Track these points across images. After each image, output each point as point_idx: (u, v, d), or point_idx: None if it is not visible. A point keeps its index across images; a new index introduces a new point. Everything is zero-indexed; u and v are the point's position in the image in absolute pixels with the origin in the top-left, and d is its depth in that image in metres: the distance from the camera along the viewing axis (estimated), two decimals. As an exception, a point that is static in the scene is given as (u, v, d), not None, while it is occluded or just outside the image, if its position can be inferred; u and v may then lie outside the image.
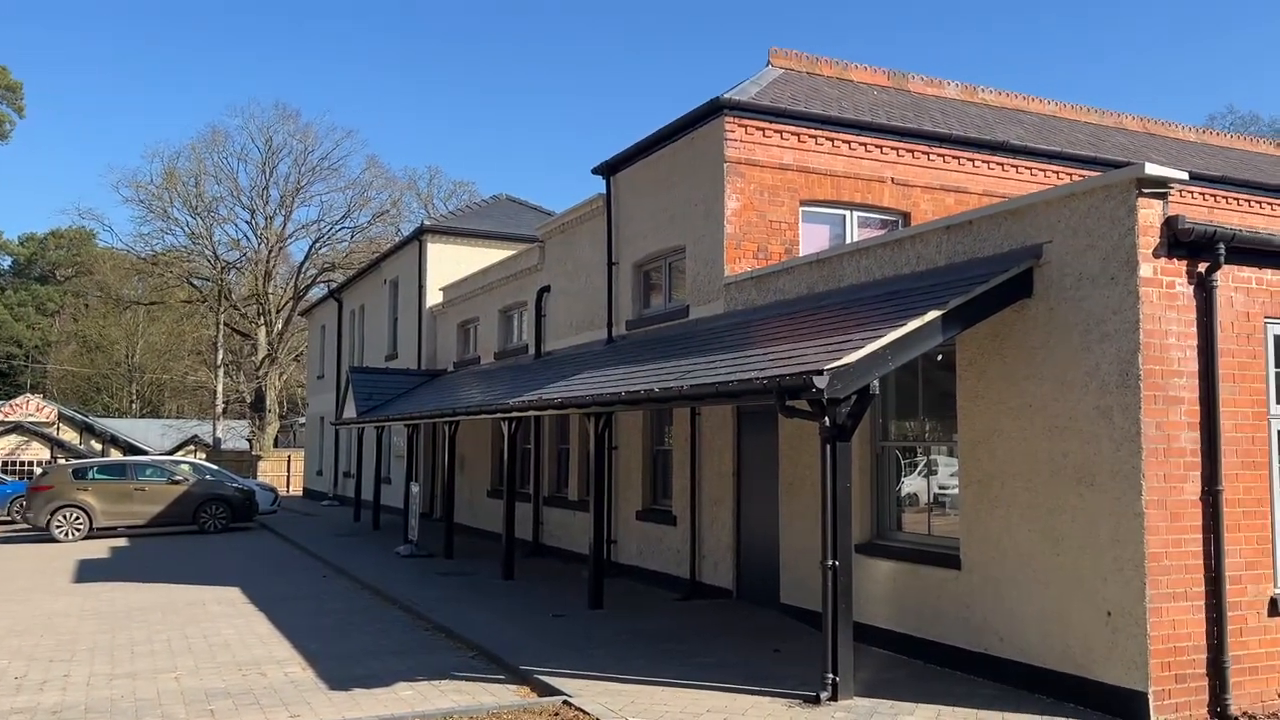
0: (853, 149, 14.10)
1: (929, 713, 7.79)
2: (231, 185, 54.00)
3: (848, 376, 7.82)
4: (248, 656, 10.49)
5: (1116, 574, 7.64)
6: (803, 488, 11.26)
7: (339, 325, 35.26)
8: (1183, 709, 7.49)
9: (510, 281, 21.34)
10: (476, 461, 22.43)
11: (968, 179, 14.86)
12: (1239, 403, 7.92)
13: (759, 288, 12.59)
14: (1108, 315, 7.82)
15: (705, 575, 13.47)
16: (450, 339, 25.47)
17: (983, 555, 8.87)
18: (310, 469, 39.10)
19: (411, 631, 11.81)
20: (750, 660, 9.59)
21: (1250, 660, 7.77)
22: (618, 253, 16.25)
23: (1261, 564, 7.91)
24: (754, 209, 13.46)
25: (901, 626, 9.76)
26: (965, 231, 9.35)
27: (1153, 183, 7.69)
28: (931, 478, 10.10)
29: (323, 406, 36.38)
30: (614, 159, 16.02)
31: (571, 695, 8.34)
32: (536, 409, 12.98)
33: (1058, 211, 8.35)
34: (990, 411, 8.87)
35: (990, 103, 17.83)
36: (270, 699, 8.75)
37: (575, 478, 17.66)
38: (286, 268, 57.33)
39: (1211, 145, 20.17)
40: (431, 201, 61.72)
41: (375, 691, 8.94)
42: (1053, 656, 8.14)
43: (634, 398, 10.35)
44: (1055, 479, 8.20)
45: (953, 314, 8.30)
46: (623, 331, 16.05)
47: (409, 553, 18.39)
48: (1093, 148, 16.41)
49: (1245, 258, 8.00)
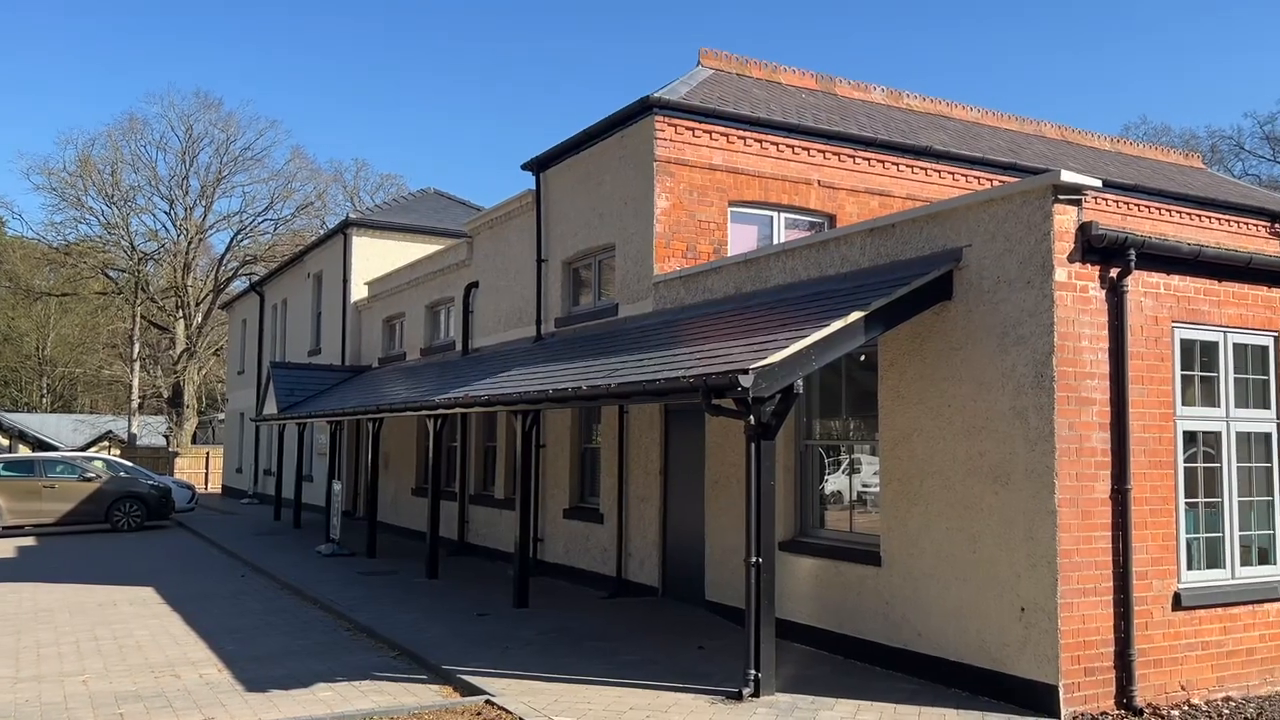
0: (781, 151, 14.25)
1: (849, 708, 7.91)
2: (150, 174, 52.61)
3: (772, 376, 7.90)
4: (161, 658, 10.21)
5: (1030, 570, 7.85)
6: (728, 486, 11.35)
7: (260, 319, 34.53)
8: (1091, 701, 7.72)
9: (438, 277, 21.12)
10: (401, 459, 22.15)
11: (892, 183, 15.12)
12: (1147, 404, 8.19)
13: (688, 287, 12.65)
14: (1024, 318, 8.03)
15: (632, 573, 13.50)
16: (375, 335, 25.11)
17: (902, 552, 9.04)
18: (229, 466, 38.23)
19: (332, 632, 11.62)
20: (675, 657, 9.64)
21: (1155, 654, 8.04)
22: (547, 250, 16.18)
23: (1166, 560, 8.20)
24: (683, 208, 13.52)
25: (824, 623, 9.89)
26: (888, 234, 9.52)
27: (1068, 189, 7.90)
28: (854, 476, 10.26)
29: (243, 402, 35.60)
30: (544, 155, 15.95)
31: (494, 694, 8.29)
32: (463, 406, 12.87)
33: (977, 216, 8.54)
34: (911, 411, 9.04)
35: (915, 108, 18.16)
36: (184, 701, 8.53)
37: (502, 476, 17.55)
38: (207, 260, 56.05)
39: (1125, 154, 20.84)
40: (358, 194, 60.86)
41: (293, 693, 8.78)
42: (969, 651, 8.34)
43: (562, 396, 10.32)
44: (972, 477, 8.39)
45: (875, 315, 8.44)
46: (552, 329, 16.00)
47: (331, 552, 18.10)
48: (1012, 154, 16.83)
49: (1154, 264, 8.28)
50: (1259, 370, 8.95)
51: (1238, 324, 8.76)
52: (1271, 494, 8.93)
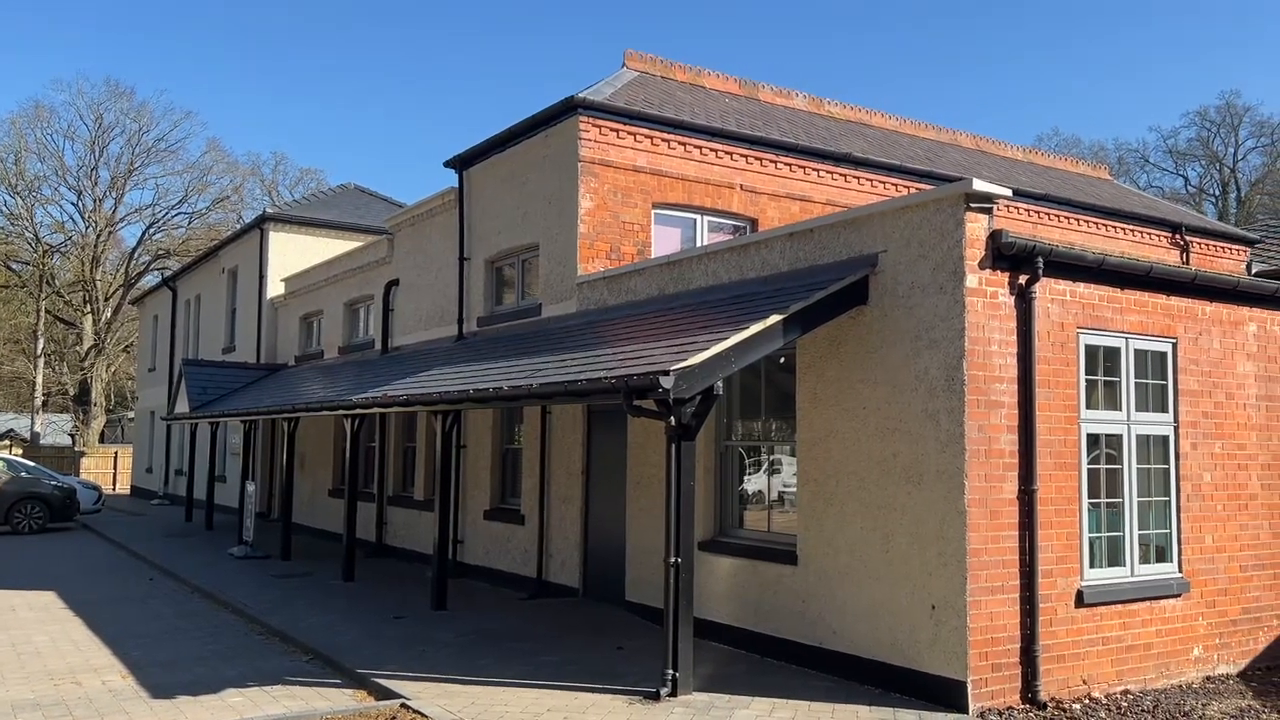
0: (704, 154, 14.36)
1: (764, 706, 8.00)
2: (57, 164, 50.82)
3: (693, 377, 7.96)
4: (62, 665, 9.86)
5: (941, 569, 8.03)
6: (650, 486, 11.40)
7: (173, 315, 33.57)
8: (998, 696, 7.94)
9: (357, 274, 20.79)
10: (318, 460, 21.75)
11: (812, 188, 15.35)
12: (1053, 407, 8.45)
13: (611, 288, 12.67)
14: (936, 323, 8.22)
15: (553, 574, 13.46)
16: (292, 332, 24.61)
17: (818, 551, 9.18)
18: (139, 466, 37.09)
19: (244, 635, 11.36)
20: (594, 658, 9.64)
21: (1058, 649, 8.30)
22: (470, 248, 16.05)
23: (1070, 558, 8.47)
24: (607, 209, 13.54)
25: (742, 622, 9.99)
26: (807, 239, 9.66)
27: (980, 198, 8.12)
28: (774, 476, 10.39)
29: (154, 400, 34.57)
30: (467, 152, 15.83)
31: (410, 698, 8.19)
32: (381, 406, 12.69)
33: (893, 223, 8.72)
34: (828, 413, 9.18)
35: (836, 115, 18.46)
36: (85, 710, 8.25)
37: (422, 477, 17.35)
38: (117, 253, 54.32)
39: (1037, 165, 21.47)
40: (276, 189, 59.57)
41: (202, 699, 8.56)
42: (881, 649, 8.50)
43: (483, 396, 10.25)
44: (886, 478, 8.56)
45: (793, 318, 8.56)
46: (474, 328, 15.87)
47: (244, 554, 17.68)
48: (929, 162, 17.22)
49: (1061, 271, 8.55)
50: (1158, 375, 9.31)
51: (1139, 330, 9.09)
52: (1169, 495, 9.28)
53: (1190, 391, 9.45)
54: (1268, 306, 10.17)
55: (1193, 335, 9.49)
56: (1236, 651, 9.58)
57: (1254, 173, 51.74)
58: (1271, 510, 10.00)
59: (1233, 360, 9.80)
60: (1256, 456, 9.93)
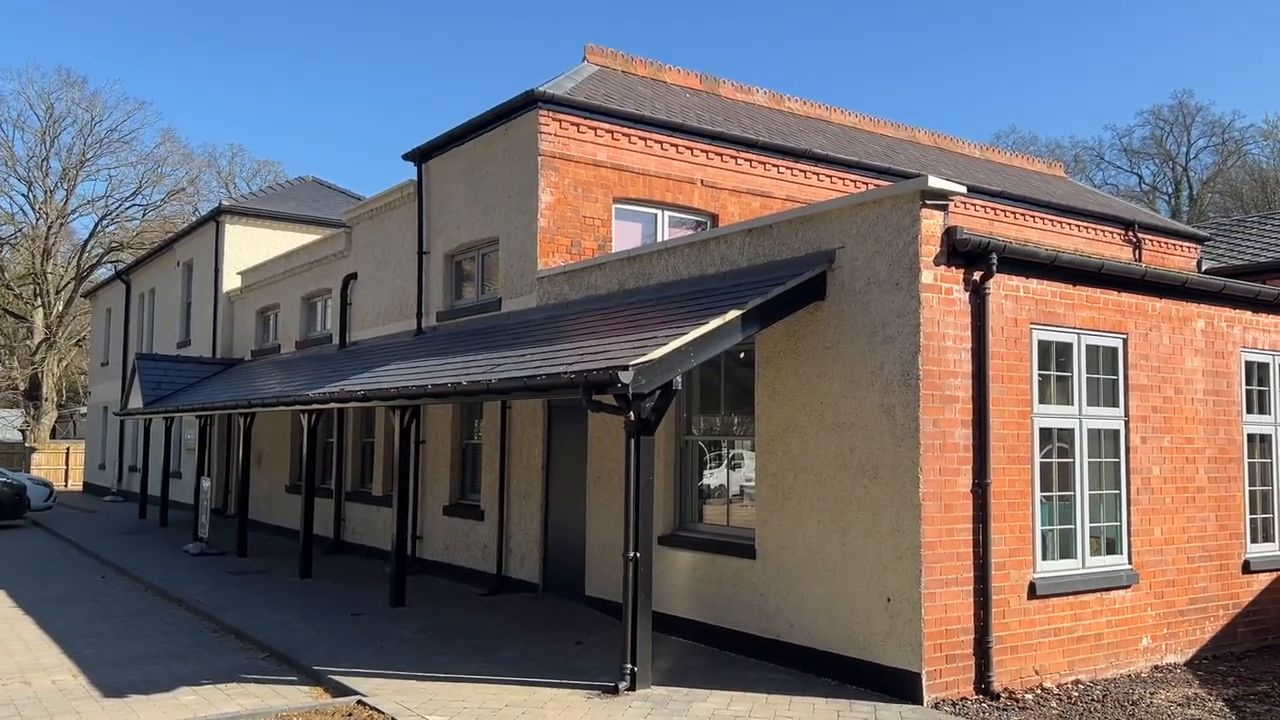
0: (665, 150, 14.37)
1: (722, 699, 8.05)
2: (5, 154, 49.75)
3: (652, 372, 7.97)
4: (10, 664, 9.68)
5: (896, 562, 8.12)
6: (610, 481, 11.40)
7: (126, 309, 33.03)
8: (952, 687, 8.04)
9: (315, 267, 20.57)
10: (274, 455, 21.51)
11: (773, 184, 15.42)
12: (1006, 401, 8.57)
13: (571, 282, 12.64)
14: (892, 318, 8.30)
15: (512, 570, 13.43)
16: (248, 326, 24.30)
17: (776, 545, 9.24)
18: (92, 462, 36.47)
19: (198, 634, 11.22)
20: (553, 653, 9.64)
21: (1011, 640, 8.42)
22: (429, 242, 15.95)
23: (1023, 551, 8.59)
24: (568, 204, 13.51)
25: (701, 616, 10.04)
26: (766, 235, 9.70)
27: (935, 195, 8.20)
28: (733, 471, 10.44)
29: (107, 395, 33.99)
30: (426, 145, 15.71)
31: (366, 695, 8.14)
32: (339, 401, 12.58)
33: (850, 219, 8.78)
34: (786, 407, 9.24)
35: (796, 111, 18.56)
36: (34, 709, 8.11)
37: (380, 472, 17.22)
38: (69, 245, 53.32)
39: (994, 162, 21.72)
40: (233, 181, 58.76)
41: (154, 697, 8.44)
42: (838, 641, 8.58)
43: (441, 391, 10.20)
44: (843, 472, 8.63)
45: (751, 314, 8.60)
46: (433, 323, 15.77)
47: (199, 551, 17.46)
48: (887, 159, 17.36)
49: (1015, 268, 8.66)
50: (1109, 370, 9.47)
51: (1091, 326, 9.24)
52: (1120, 488, 9.45)
53: (1140, 386, 9.62)
54: (1215, 303, 10.38)
55: (1143, 331, 9.66)
56: (1184, 641, 9.78)
57: (1205, 171, 52.78)
58: (1218, 503, 10.21)
59: (1181, 356, 9.99)
60: (1204, 450, 10.13)
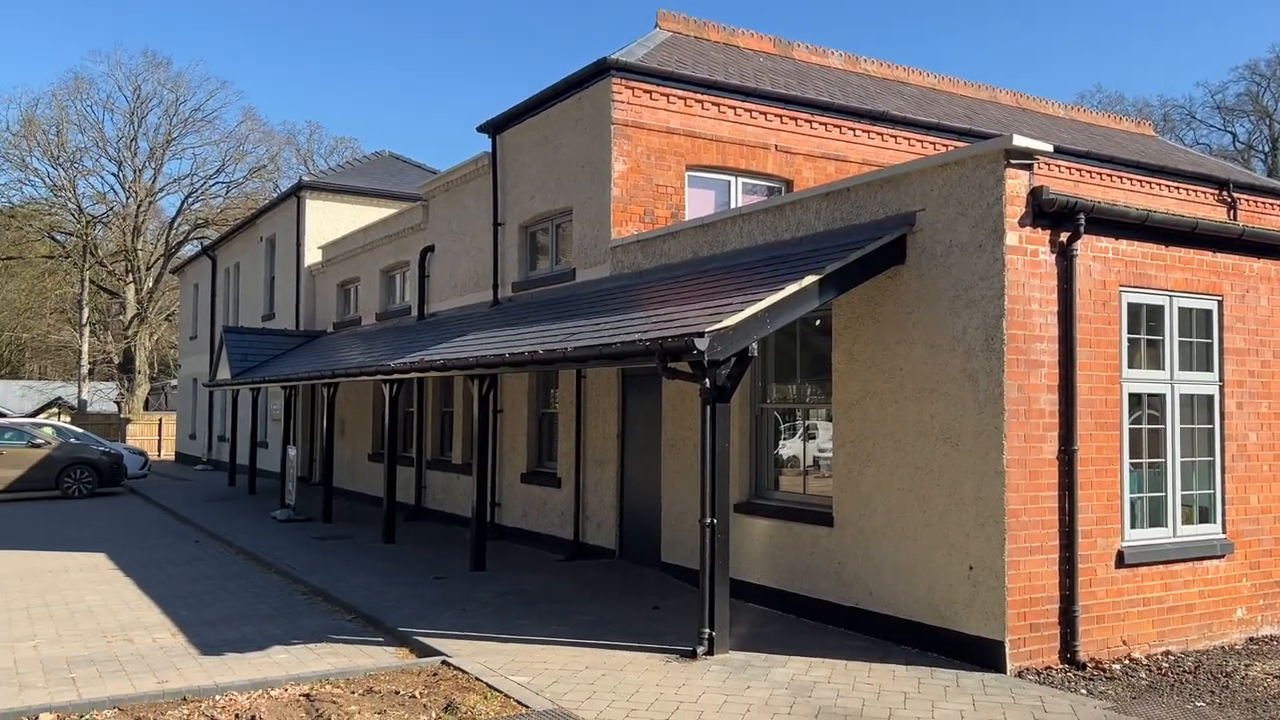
0: (738, 115, 14.22)
1: (801, 664, 8.04)
2: (97, 135, 51.41)
3: (727, 339, 7.94)
4: (113, 623, 10.12)
5: (979, 529, 8.00)
6: (684, 449, 11.42)
7: (213, 284, 33.98)
8: (1036, 656, 7.92)
9: (392, 241, 20.89)
10: (357, 424, 22.00)
11: (848, 147, 15.16)
12: (1094, 366, 8.34)
13: (645, 251, 12.63)
14: (975, 282, 8.12)
15: (589, 536, 13.57)
16: (330, 299, 24.82)
17: (854, 513, 9.17)
18: (183, 433, 37.75)
19: (288, 596, 11.58)
20: (630, 618, 9.73)
21: (1098, 610, 8.25)
22: (504, 213, 16.06)
23: (1110, 519, 8.39)
24: (641, 172, 13.47)
25: (777, 583, 10.03)
26: (843, 199, 9.56)
27: (1020, 154, 7.98)
28: (808, 439, 10.37)
29: (196, 368, 35.10)
30: (500, 117, 15.79)
31: (450, 655, 8.32)
32: (419, 371, 12.79)
33: (931, 180, 8.60)
34: (864, 374, 9.13)
35: (872, 73, 18.19)
36: (137, 665, 8.47)
37: (459, 441, 17.50)
38: (157, 223, 54.98)
39: (1079, 122, 21.05)
40: (311, 157, 59.91)
41: (249, 656, 8.75)
42: (918, 609, 8.50)
43: (518, 360, 10.30)
44: (923, 439, 8.51)
45: (829, 279, 8.49)
46: (509, 293, 15.91)
47: (286, 517, 17.98)
48: (967, 120, 16.93)
49: (1103, 228, 8.40)
50: (1203, 334, 9.15)
51: (1183, 288, 8.93)
52: (1213, 455, 9.15)
53: (1236, 350, 9.28)
54: (1317, 263, 9.94)
55: (1239, 292, 9.30)
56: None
57: (1305, 128, 50.35)
58: (1318, 471, 9.83)
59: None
60: (1303, 416, 9.75)
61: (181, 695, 7.38)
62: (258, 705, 7.14)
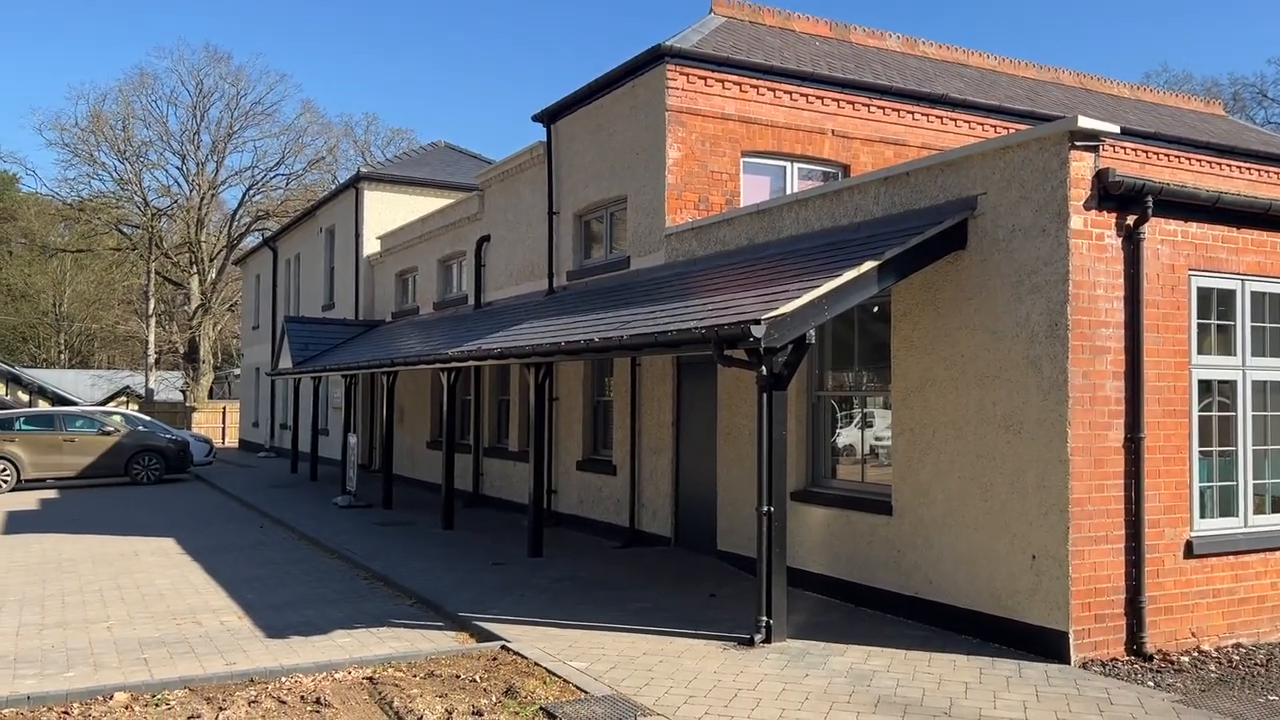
0: (794, 100, 14.10)
1: (859, 654, 7.99)
2: (161, 129, 52.55)
3: (784, 326, 7.89)
4: (182, 606, 10.38)
5: (1041, 518, 7.87)
6: (740, 437, 11.39)
7: (274, 274, 34.60)
8: (1101, 647, 7.78)
9: (449, 230, 21.07)
10: (416, 412, 22.28)
11: (907, 131, 14.95)
12: (1162, 352, 8.14)
13: (700, 238, 12.59)
14: (1039, 266, 7.97)
15: (645, 524, 13.60)
16: (388, 289, 25.14)
17: (914, 501, 9.07)
18: (246, 420, 38.55)
19: (349, 580, 11.78)
20: (686, 605, 9.74)
21: (1166, 601, 8.07)
22: (558, 202, 16.11)
23: (1179, 508, 8.20)
24: (695, 159, 13.42)
25: (834, 571, 9.97)
26: (902, 183, 9.43)
27: (1085, 136, 7.80)
28: (866, 428, 10.27)
29: (258, 357, 35.79)
30: (555, 106, 15.82)
31: (509, 640, 8.40)
32: (476, 359, 12.90)
33: (992, 164, 8.44)
34: (924, 361, 9.02)
35: (931, 55, 17.90)
36: (205, 647, 8.68)
37: (515, 428, 17.64)
38: (220, 215, 56.14)
39: (1145, 102, 20.52)
40: (369, 149, 60.64)
41: (312, 639, 8.92)
42: (979, 599, 8.39)
43: (574, 348, 10.34)
44: (985, 427, 8.38)
45: (888, 265, 8.39)
46: (564, 282, 15.98)
47: (347, 503, 18.29)
48: (1030, 102, 16.60)
49: (1172, 211, 8.18)
50: (1276, 318, 8.88)
51: (1256, 271, 8.67)
52: (1286, 443, 8.89)
53: (1311, 335, 8.99)
54: (1398, 244, 9.58)
55: (1315, 276, 9.00)
56: (1358, 606, 9.18)
57: (1384, 105, 48.58)
58: (1399, 459, 9.50)
59: (1358, 302, 9.28)
60: (1383, 403, 9.42)
61: (249, 677, 7.55)
62: (322, 687, 7.28)
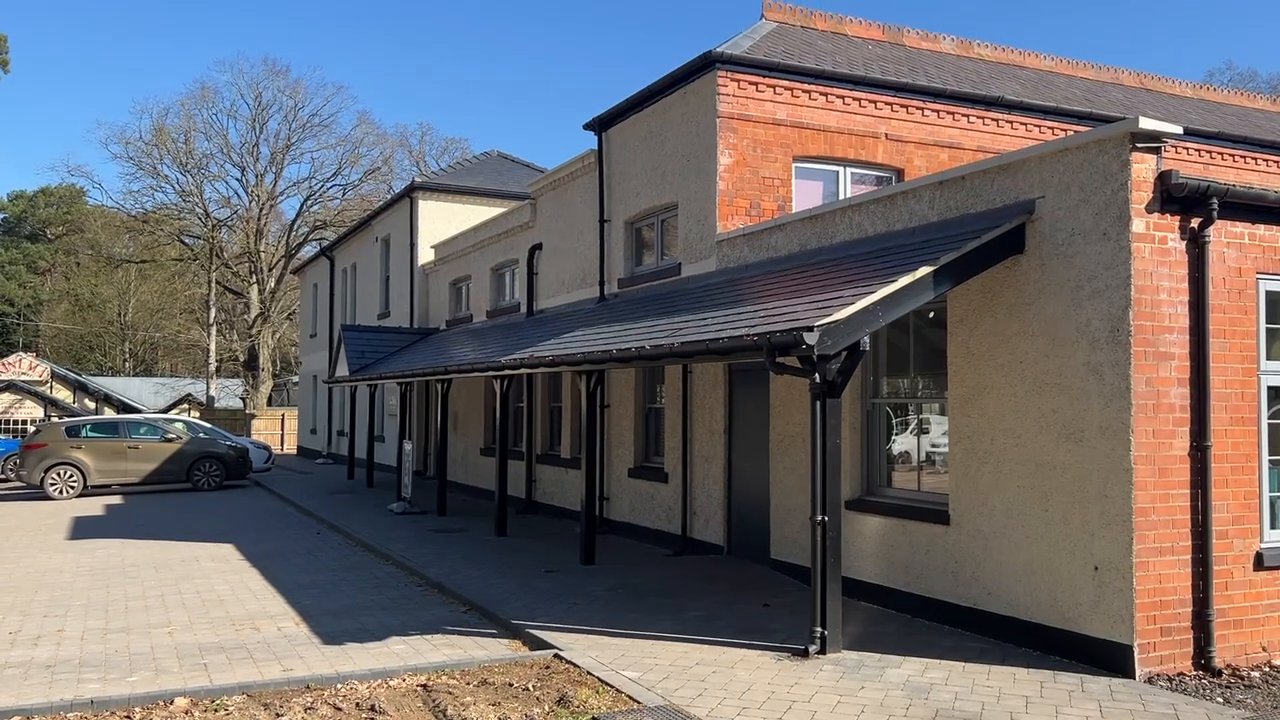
0: (847, 104, 13.98)
1: (916, 665, 7.86)
2: (221, 142, 53.71)
3: (838, 333, 7.80)
4: (241, 612, 10.55)
5: (1104, 529, 7.68)
6: (793, 445, 11.29)
7: (331, 283, 35.13)
8: (1167, 661, 7.57)
9: (502, 239, 21.22)
10: (469, 420, 22.45)
11: (962, 135, 14.75)
12: (1229, 359, 7.92)
13: (751, 245, 12.53)
14: (1099, 271, 7.80)
15: (697, 531, 13.55)
16: (442, 297, 25.38)
17: (972, 510, 8.91)
18: (304, 427, 39.16)
19: (404, 587, 11.88)
20: (739, 614, 9.67)
21: (1235, 614, 7.84)
22: (610, 210, 16.14)
23: (1248, 519, 7.96)
24: (747, 165, 13.36)
25: (890, 581, 9.83)
26: (958, 187, 9.29)
27: (1147, 137, 7.62)
28: (922, 435, 10.12)
29: (316, 365, 36.34)
30: (606, 114, 15.86)
31: (562, 649, 8.40)
32: (529, 367, 12.96)
33: (1051, 166, 8.29)
34: (981, 368, 8.87)
35: (986, 57, 17.66)
36: (263, 653, 8.81)
37: (568, 435, 17.69)
38: (278, 225, 57.21)
39: (1208, 101, 20.03)
40: (423, 159, 61.38)
41: (368, 645, 9.01)
42: (1040, 610, 8.21)
43: (625, 355, 10.33)
44: (1045, 435, 8.21)
45: (944, 270, 8.27)
46: (615, 289, 15.99)
47: (402, 510, 18.47)
48: (1088, 103, 16.29)
49: (1238, 213, 7.96)
50: (1350, 323, 8.58)
51: (1328, 275, 8.39)
52: (1361, 451, 8.58)
53: (1387, 340, 8.68)
54: None
55: (1391, 278, 8.69)
56: None
57: None
58: None
59: None
60: None
61: (305, 683, 7.64)
62: (377, 694, 7.34)
